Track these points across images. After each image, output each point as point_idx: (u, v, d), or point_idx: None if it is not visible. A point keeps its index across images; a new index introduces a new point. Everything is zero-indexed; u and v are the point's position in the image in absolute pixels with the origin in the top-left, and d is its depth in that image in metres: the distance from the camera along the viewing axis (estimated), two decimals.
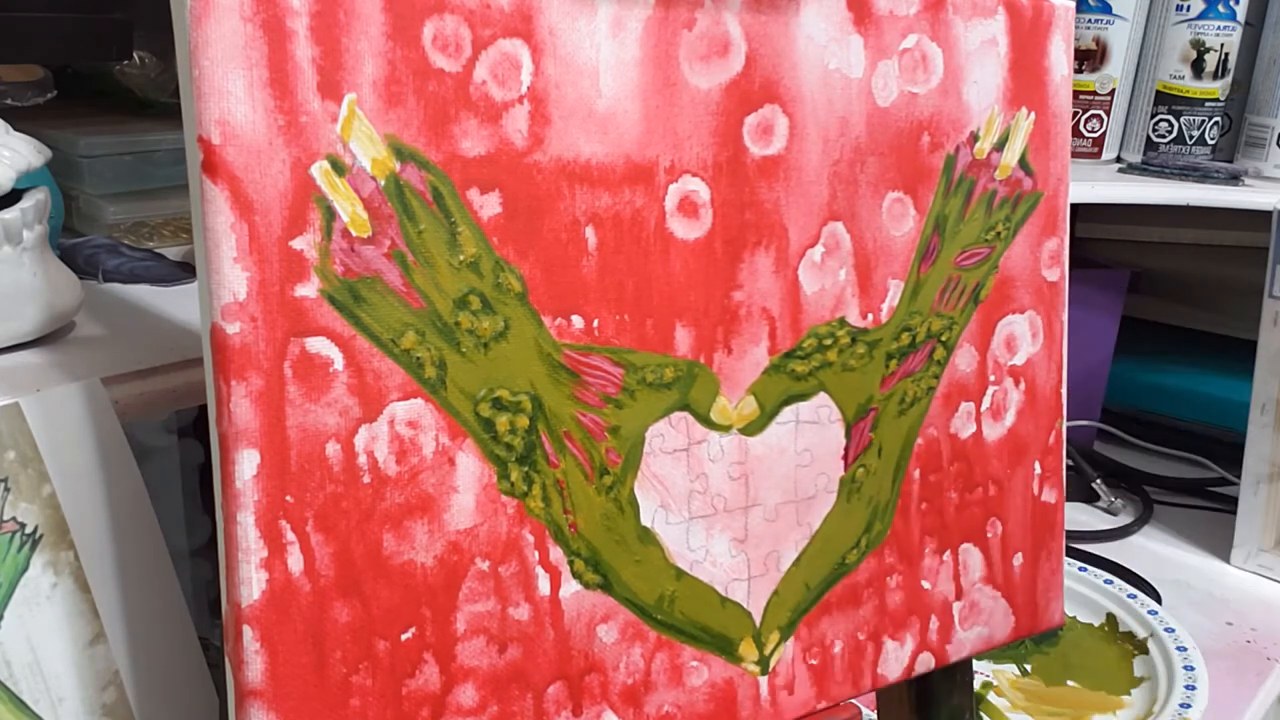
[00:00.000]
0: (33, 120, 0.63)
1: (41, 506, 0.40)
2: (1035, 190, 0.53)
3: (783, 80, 0.44)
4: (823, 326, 0.47)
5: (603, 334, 0.41)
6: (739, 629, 0.46)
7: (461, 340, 0.38)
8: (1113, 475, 0.98)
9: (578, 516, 0.41)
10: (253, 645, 0.35)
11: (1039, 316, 0.54)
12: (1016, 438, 0.54)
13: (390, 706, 0.38)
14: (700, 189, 0.42)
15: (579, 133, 0.39)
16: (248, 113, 0.33)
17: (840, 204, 0.46)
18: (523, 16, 0.38)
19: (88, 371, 0.43)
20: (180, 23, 0.32)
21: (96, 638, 0.41)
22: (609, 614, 0.43)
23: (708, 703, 0.46)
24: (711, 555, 0.45)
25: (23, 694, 0.40)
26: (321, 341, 0.35)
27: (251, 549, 0.35)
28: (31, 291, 0.45)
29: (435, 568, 0.38)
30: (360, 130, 0.35)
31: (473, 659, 0.39)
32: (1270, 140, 0.88)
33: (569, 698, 0.42)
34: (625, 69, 0.40)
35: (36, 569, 0.40)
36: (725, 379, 0.44)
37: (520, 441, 0.39)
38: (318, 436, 0.35)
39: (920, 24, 0.47)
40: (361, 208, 0.35)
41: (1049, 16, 0.52)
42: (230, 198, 0.33)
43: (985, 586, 0.54)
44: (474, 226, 0.38)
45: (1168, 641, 0.74)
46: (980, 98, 0.50)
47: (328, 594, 0.36)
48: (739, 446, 0.45)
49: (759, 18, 0.43)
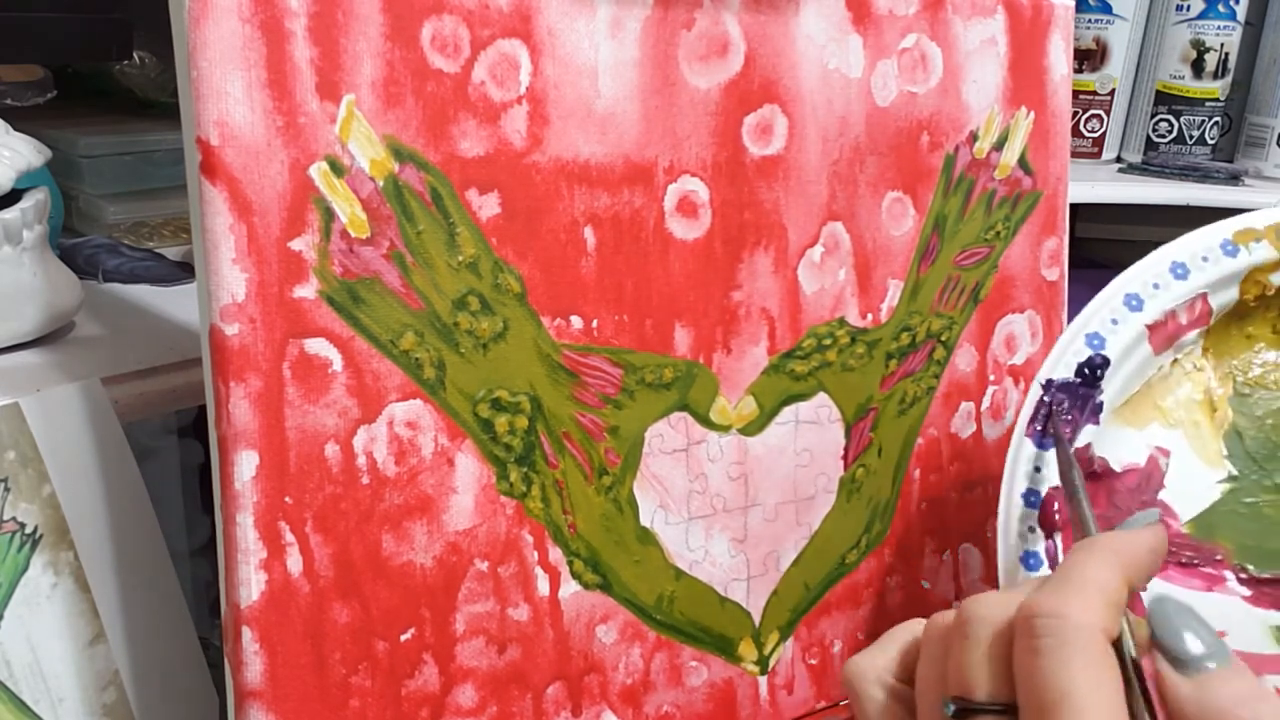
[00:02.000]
0: (33, 120, 0.63)
1: (41, 506, 0.40)
2: (1034, 190, 0.53)
3: (782, 80, 0.44)
4: (822, 326, 0.47)
5: (602, 334, 0.41)
6: (738, 629, 0.46)
7: (460, 341, 0.38)
8: None
9: (577, 517, 0.41)
10: (252, 646, 0.35)
11: (1038, 316, 0.54)
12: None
13: (390, 707, 0.38)
14: (699, 189, 0.42)
15: (578, 133, 0.39)
16: (246, 114, 0.33)
17: (840, 204, 0.46)
18: (521, 17, 0.38)
19: (88, 371, 0.43)
20: (179, 24, 0.32)
21: (96, 638, 0.41)
22: (608, 614, 0.43)
23: (707, 703, 0.46)
24: (711, 555, 0.45)
25: (23, 694, 0.40)
26: (320, 343, 0.35)
27: (250, 550, 0.35)
28: (31, 291, 0.45)
29: (434, 568, 0.38)
30: (359, 131, 0.35)
31: (472, 659, 0.39)
32: (1270, 140, 0.87)
33: (568, 698, 0.42)
34: (624, 69, 0.40)
35: (36, 569, 0.40)
36: (724, 379, 0.44)
37: (519, 442, 0.39)
38: (317, 437, 0.35)
39: (919, 23, 0.47)
40: (360, 208, 0.35)
41: (1048, 16, 0.52)
42: (229, 199, 0.33)
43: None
44: (473, 227, 0.38)
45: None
46: (980, 97, 0.50)
47: (327, 595, 0.36)
48: (738, 447, 0.45)
49: (758, 18, 0.43)
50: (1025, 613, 0.29)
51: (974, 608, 0.30)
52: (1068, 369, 0.44)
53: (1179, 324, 0.46)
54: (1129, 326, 0.44)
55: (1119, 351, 0.44)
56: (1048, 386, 0.43)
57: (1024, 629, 0.28)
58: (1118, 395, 0.46)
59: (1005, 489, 0.43)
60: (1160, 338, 0.45)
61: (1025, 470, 0.43)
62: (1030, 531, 0.43)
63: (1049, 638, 0.28)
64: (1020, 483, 0.43)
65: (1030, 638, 0.28)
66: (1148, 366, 0.46)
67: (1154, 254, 0.46)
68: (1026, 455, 0.43)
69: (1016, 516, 0.43)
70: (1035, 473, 0.43)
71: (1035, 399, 0.43)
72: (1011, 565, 0.43)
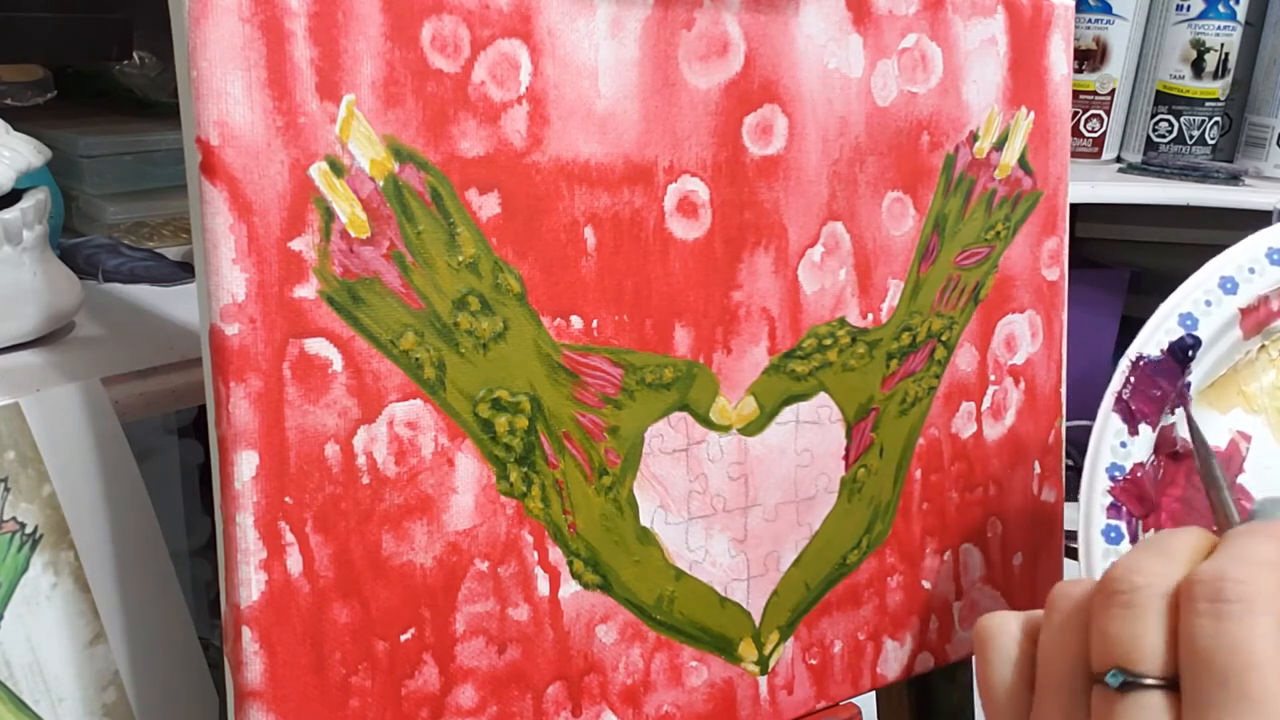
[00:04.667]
0: (33, 120, 0.63)
1: (41, 506, 0.40)
2: (1035, 190, 0.53)
3: (782, 80, 0.44)
4: (822, 326, 0.47)
5: (602, 334, 0.41)
6: (738, 629, 0.46)
7: (460, 341, 0.38)
8: None
9: (577, 517, 0.41)
10: (252, 646, 0.35)
11: (1039, 316, 0.54)
12: (1016, 437, 0.54)
13: (390, 707, 0.38)
14: (699, 189, 0.42)
15: (578, 133, 0.39)
16: (246, 114, 0.33)
17: (840, 204, 0.46)
18: (521, 17, 0.38)
19: (88, 371, 0.43)
20: (179, 24, 0.32)
21: (96, 638, 0.41)
22: (608, 614, 0.43)
23: (707, 703, 0.46)
24: (711, 555, 0.45)
25: (23, 694, 0.40)
26: (320, 343, 0.35)
27: (250, 550, 0.35)
28: (31, 291, 0.45)
29: (434, 568, 0.38)
30: (359, 131, 0.35)
31: (472, 660, 0.39)
32: (1270, 140, 0.87)
33: (568, 698, 0.42)
34: (624, 69, 0.40)
35: (36, 569, 0.40)
36: (725, 379, 0.44)
37: (519, 442, 0.39)
38: (317, 437, 0.35)
39: (919, 23, 0.47)
40: (360, 209, 0.35)
41: (1048, 15, 0.52)
42: (229, 199, 0.33)
43: (985, 586, 0.54)
44: (473, 227, 0.38)
45: None
46: (980, 97, 0.50)
47: (327, 595, 0.36)
48: (738, 447, 0.45)
49: (758, 17, 0.43)
50: (1210, 577, 0.27)
51: (1131, 576, 0.29)
52: (1158, 347, 0.45)
53: (1270, 310, 0.47)
54: (1222, 309, 0.45)
55: (1211, 333, 0.45)
56: (1136, 362, 0.44)
57: (1208, 592, 0.27)
58: (1204, 378, 0.47)
59: (1090, 462, 0.44)
60: (1251, 322, 0.47)
61: (1110, 444, 0.44)
62: (1113, 507, 0.43)
63: (1238, 603, 0.27)
64: (1105, 457, 0.43)
65: (1216, 601, 0.27)
66: (1236, 350, 0.48)
67: (1251, 238, 0.48)
68: (1113, 429, 0.44)
69: (1101, 489, 0.43)
70: (1120, 448, 0.43)
71: (1124, 373, 0.44)
72: (1092, 538, 0.43)
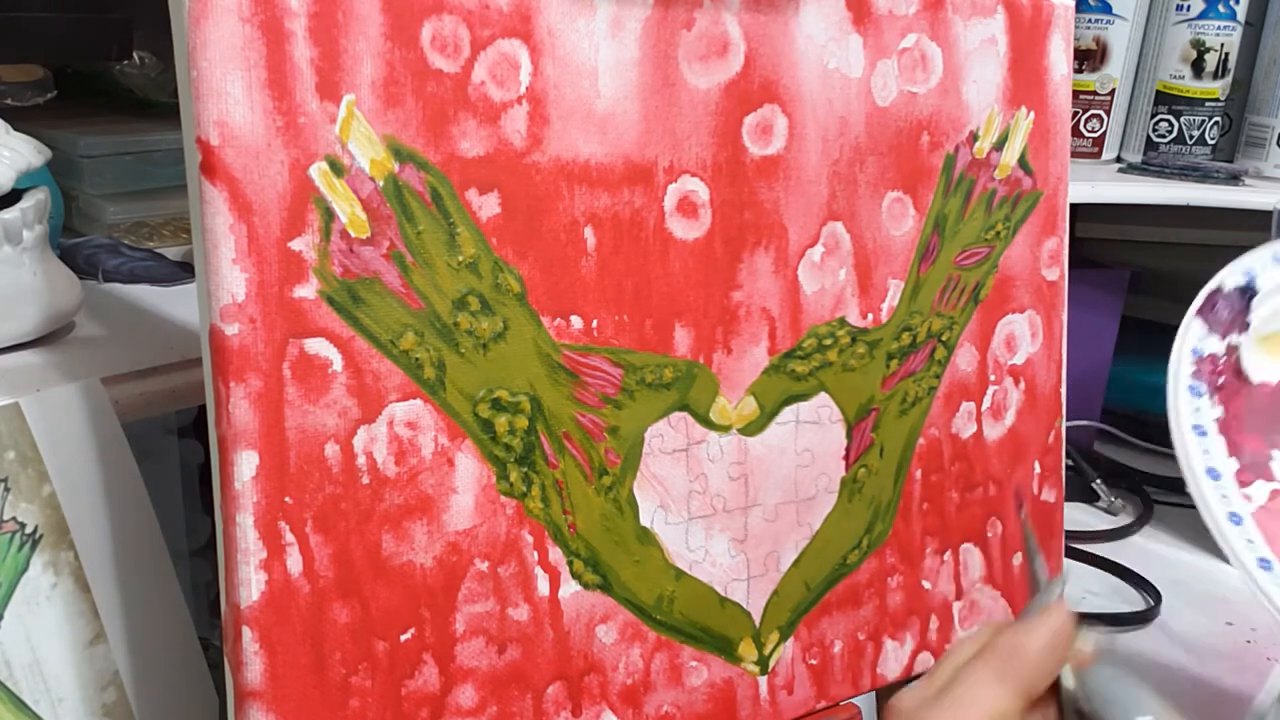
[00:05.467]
0: (33, 120, 0.63)
1: (41, 506, 0.40)
2: (1035, 190, 0.53)
3: (782, 80, 0.44)
4: (823, 326, 0.47)
5: (602, 334, 0.41)
6: (738, 629, 0.46)
7: (460, 341, 0.38)
8: (1112, 475, 0.98)
9: (577, 517, 0.41)
10: (252, 646, 0.35)
11: (1039, 316, 0.54)
12: (1016, 437, 0.54)
13: (390, 707, 0.38)
14: (699, 189, 0.42)
15: (578, 133, 0.39)
16: (246, 114, 0.33)
17: (840, 204, 0.46)
18: (521, 17, 0.38)
19: (88, 371, 0.43)
20: (179, 24, 0.32)
21: (96, 638, 0.41)
22: (608, 614, 0.42)
23: (707, 703, 0.46)
24: (711, 555, 0.45)
25: (23, 694, 0.40)
26: (320, 343, 0.35)
27: (250, 550, 0.35)
28: (31, 291, 0.45)
29: (434, 568, 0.38)
30: (359, 131, 0.35)
31: (472, 659, 0.39)
32: (1270, 140, 0.87)
33: (568, 698, 0.42)
34: (624, 69, 0.40)
35: (36, 569, 0.40)
36: (725, 379, 0.44)
37: (519, 442, 0.39)
38: (317, 437, 0.35)
39: (919, 23, 0.47)
40: (360, 209, 0.35)
41: (1048, 16, 0.52)
42: (229, 199, 0.33)
43: (985, 586, 0.54)
44: (473, 227, 0.38)
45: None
46: (980, 97, 0.50)
47: (327, 595, 0.36)
48: (738, 447, 0.45)
49: (758, 17, 0.43)
50: None
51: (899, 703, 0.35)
52: (1233, 285, 0.54)
53: None
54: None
55: (1269, 286, 0.53)
56: (1216, 290, 0.53)
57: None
58: (1263, 323, 0.55)
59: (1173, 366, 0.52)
60: None
61: (1191, 346, 0.52)
62: (1197, 395, 0.52)
63: None
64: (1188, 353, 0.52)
65: None
66: None
67: None
68: (1195, 333, 0.53)
69: (1185, 384, 0.52)
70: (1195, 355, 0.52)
71: (1209, 291, 0.53)
72: (1183, 430, 0.51)
